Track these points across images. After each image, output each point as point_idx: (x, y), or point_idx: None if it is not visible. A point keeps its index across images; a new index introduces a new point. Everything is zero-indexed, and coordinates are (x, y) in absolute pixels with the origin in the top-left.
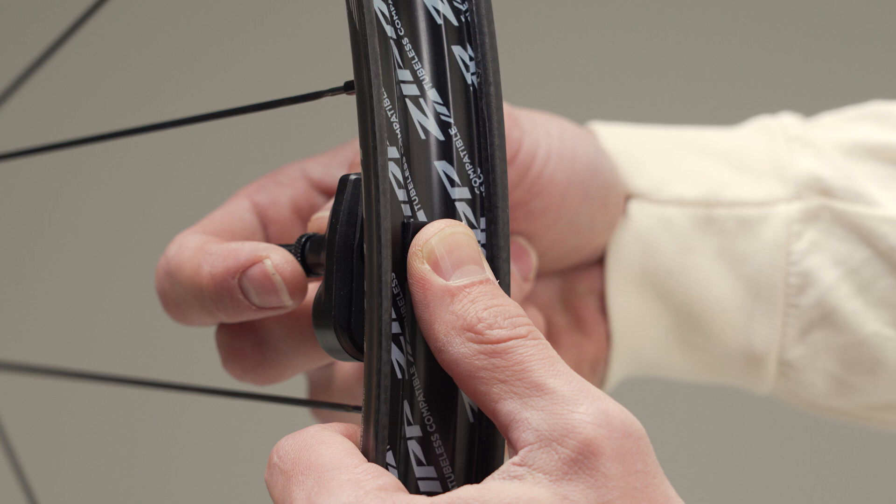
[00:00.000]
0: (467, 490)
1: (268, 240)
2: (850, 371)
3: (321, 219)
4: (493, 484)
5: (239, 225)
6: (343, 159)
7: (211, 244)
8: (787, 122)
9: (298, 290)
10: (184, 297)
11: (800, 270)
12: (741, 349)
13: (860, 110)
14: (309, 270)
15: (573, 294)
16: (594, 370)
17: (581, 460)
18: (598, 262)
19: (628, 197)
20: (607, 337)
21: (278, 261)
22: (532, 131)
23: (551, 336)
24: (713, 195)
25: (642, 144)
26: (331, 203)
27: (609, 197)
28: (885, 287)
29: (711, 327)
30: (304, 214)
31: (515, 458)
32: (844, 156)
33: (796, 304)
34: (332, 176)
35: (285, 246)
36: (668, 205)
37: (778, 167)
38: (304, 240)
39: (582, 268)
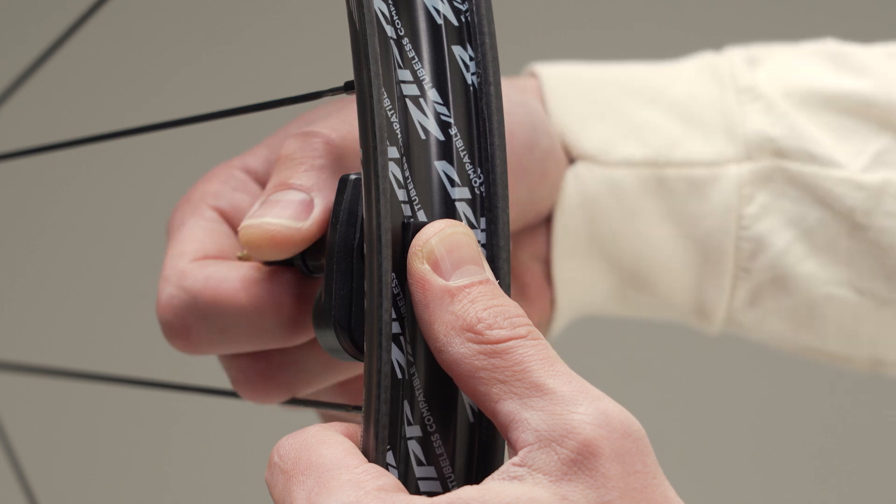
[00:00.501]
0: (467, 491)
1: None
2: (799, 329)
3: (248, 227)
4: (493, 484)
5: (226, 242)
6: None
7: (254, 276)
8: (736, 67)
9: (312, 309)
10: (226, 328)
11: (751, 235)
12: (689, 308)
13: (814, 47)
14: (310, 271)
15: (516, 261)
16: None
17: (580, 461)
18: (540, 226)
19: (572, 158)
20: (551, 302)
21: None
22: None
23: None
24: (662, 155)
25: (589, 94)
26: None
27: (548, 166)
28: (842, 247)
29: (658, 288)
30: None
31: (515, 459)
32: (797, 107)
33: (747, 268)
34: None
35: None
36: (616, 167)
37: (728, 123)
38: None
39: (523, 234)
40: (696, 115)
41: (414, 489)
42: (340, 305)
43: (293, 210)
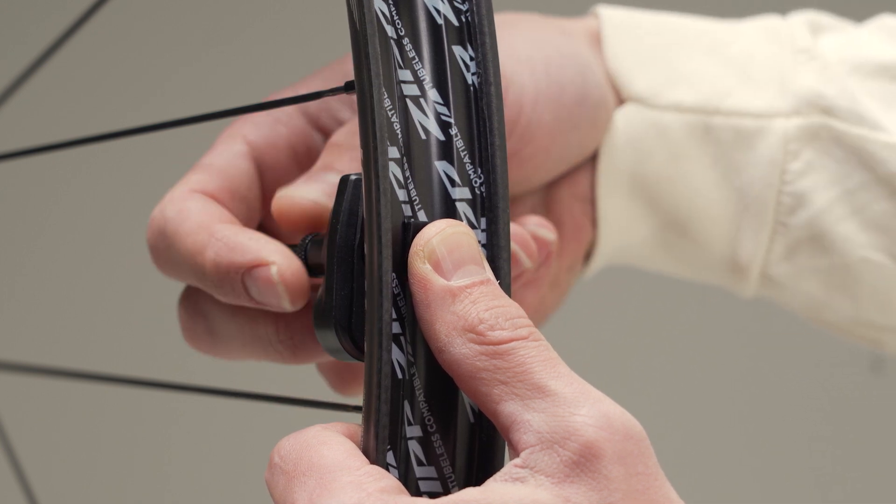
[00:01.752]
0: (469, 492)
1: (264, 188)
2: (832, 292)
3: (282, 196)
4: (496, 486)
5: (238, 178)
6: (336, 84)
7: (218, 225)
8: (796, 31)
9: (300, 297)
10: (178, 263)
11: (793, 190)
12: (725, 258)
13: (873, 23)
14: (311, 270)
15: (555, 200)
16: (571, 271)
17: (583, 463)
18: (584, 166)
19: (623, 99)
20: (588, 241)
21: (284, 268)
22: (517, 76)
23: None
24: (712, 103)
25: (647, 39)
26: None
27: (598, 116)
28: (880, 211)
29: (698, 234)
30: (301, 159)
31: (517, 460)
32: (849, 73)
33: (785, 222)
34: (329, 110)
35: (291, 246)
36: (666, 111)
37: (781, 77)
38: (307, 240)
39: (565, 173)
40: (750, 71)
41: (414, 489)
42: (341, 306)
43: (327, 188)
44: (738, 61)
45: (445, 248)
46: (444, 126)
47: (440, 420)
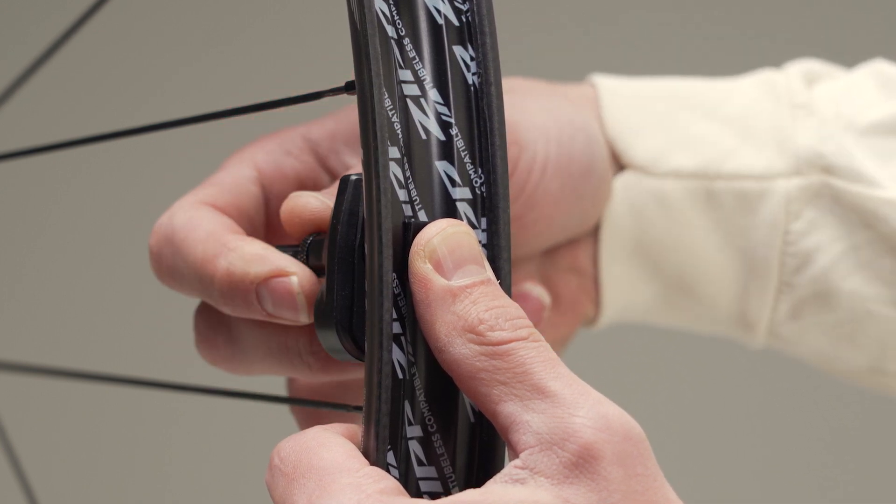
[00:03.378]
0: (470, 494)
1: (268, 216)
2: (840, 344)
3: (297, 198)
4: (496, 487)
5: (246, 200)
6: (347, 129)
7: (230, 235)
8: (793, 83)
9: (313, 309)
10: (184, 273)
11: (796, 251)
12: (732, 316)
13: (867, 68)
14: (313, 271)
15: (553, 270)
16: (562, 343)
17: (582, 464)
18: (583, 238)
19: (622, 166)
20: (585, 316)
21: (304, 280)
22: (531, 143)
23: None
24: (713, 167)
25: (645, 106)
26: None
27: (602, 188)
28: (885, 267)
29: (703, 297)
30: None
31: (517, 462)
32: (846, 128)
33: (790, 282)
34: (336, 153)
35: (291, 247)
36: (665, 178)
37: (780, 137)
38: (308, 241)
39: (563, 246)
40: (749, 129)
41: (414, 489)
42: (342, 306)
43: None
44: (736, 120)
45: (446, 248)
46: (445, 126)
47: (441, 420)
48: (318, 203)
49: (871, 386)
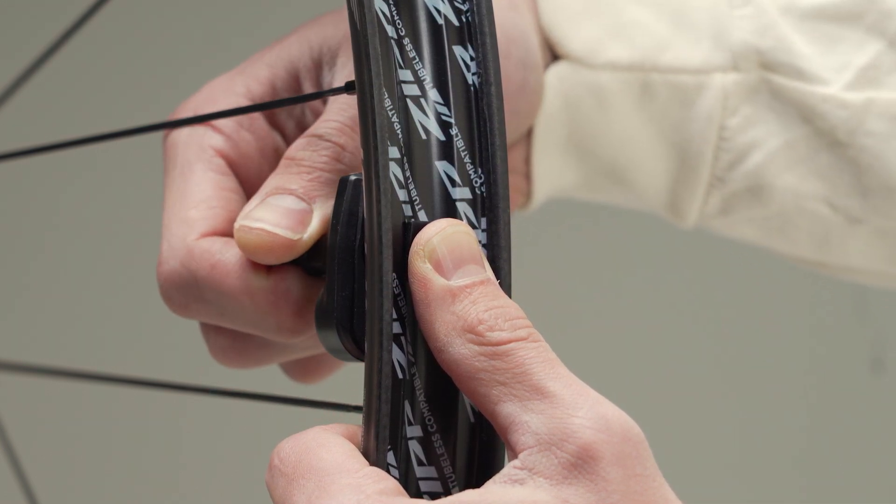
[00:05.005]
0: (469, 494)
1: (246, 193)
2: (770, 235)
3: (244, 229)
4: (495, 488)
5: (234, 200)
6: (282, 73)
7: (258, 282)
8: None
9: (314, 310)
10: (225, 314)
11: (731, 146)
12: (662, 204)
13: None
14: (313, 271)
15: None
16: None
17: (581, 464)
18: (516, 143)
19: (557, 56)
20: (518, 206)
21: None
22: None
23: None
24: (649, 59)
25: None
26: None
27: (534, 100)
28: (820, 163)
29: (633, 185)
30: (272, 163)
31: (516, 462)
32: (786, 14)
33: (722, 177)
34: (288, 109)
35: None
36: (602, 70)
37: (717, 29)
38: None
39: None
40: (686, 18)
41: (415, 489)
42: (342, 306)
43: (292, 220)
44: (674, 10)
45: (446, 248)
46: (445, 126)
47: (441, 420)
48: (263, 233)
49: (808, 269)
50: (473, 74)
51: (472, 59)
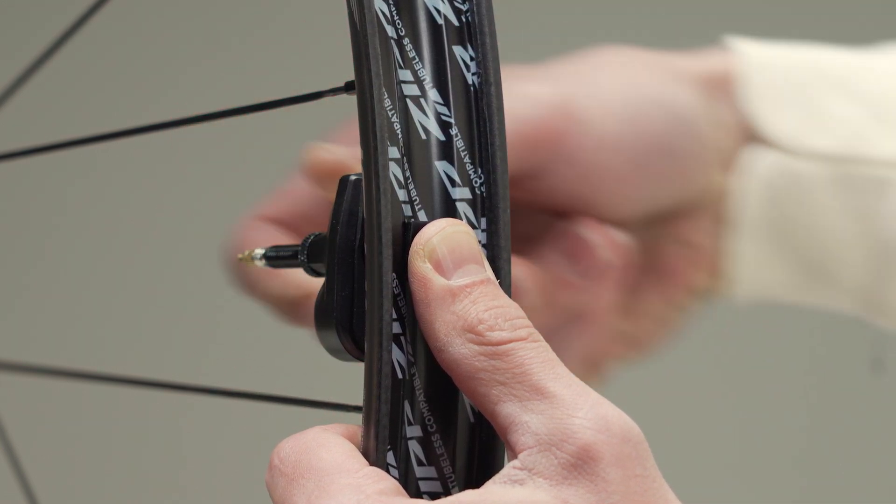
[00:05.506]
0: (468, 495)
1: None
2: None
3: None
4: (494, 488)
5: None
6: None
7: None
8: None
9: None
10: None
11: None
12: (860, 303)
13: None
14: (312, 271)
15: (651, 240)
16: (669, 307)
17: (580, 465)
18: (686, 211)
19: (755, 139)
20: (692, 284)
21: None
22: (584, 116)
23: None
24: (850, 152)
25: (785, 78)
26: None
27: (691, 167)
28: None
29: (834, 279)
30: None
31: (516, 462)
32: None
33: None
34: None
35: (291, 247)
36: (805, 159)
37: None
38: (308, 240)
39: (665, 216)
40: (886, 111)
41: (414, 489)
42: (342, 306)
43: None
44: (874, 100)
45: (446, 247)
46: (445, 126)
47: (440, 420)
48: (334, 153)
49: None
50: (473, 74)
51: (471, 59)
